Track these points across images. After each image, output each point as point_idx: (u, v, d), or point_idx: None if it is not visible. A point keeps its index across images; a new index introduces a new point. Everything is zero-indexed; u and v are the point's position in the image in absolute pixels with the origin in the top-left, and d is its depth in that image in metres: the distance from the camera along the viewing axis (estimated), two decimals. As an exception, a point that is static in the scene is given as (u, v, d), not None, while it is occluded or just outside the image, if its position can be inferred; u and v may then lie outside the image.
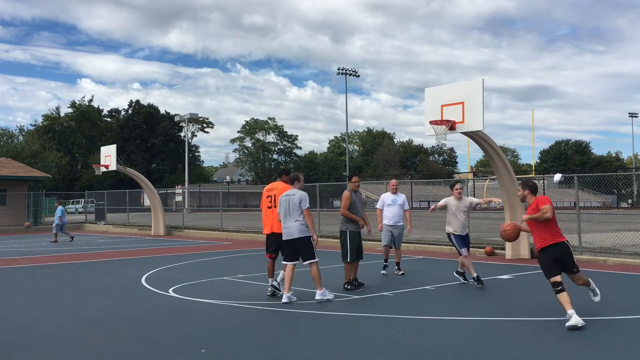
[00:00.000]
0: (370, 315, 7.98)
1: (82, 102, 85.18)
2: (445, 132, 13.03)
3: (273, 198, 9.46)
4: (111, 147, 26.51)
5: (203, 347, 6.37)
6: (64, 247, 20.52)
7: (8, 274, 13.23)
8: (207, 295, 9.67)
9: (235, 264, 14.47)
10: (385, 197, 12.10)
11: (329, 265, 13.80)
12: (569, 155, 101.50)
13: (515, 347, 6.21)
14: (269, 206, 9.51)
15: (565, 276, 7.40)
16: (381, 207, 12.04)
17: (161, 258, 16.18)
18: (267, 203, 9.56)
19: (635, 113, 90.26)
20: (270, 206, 9.48)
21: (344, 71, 72.22)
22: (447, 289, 10.10)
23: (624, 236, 17.05)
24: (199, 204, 58.07)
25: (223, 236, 24.55)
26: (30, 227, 31.87)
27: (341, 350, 6.17)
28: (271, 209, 9.45)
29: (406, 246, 17.71)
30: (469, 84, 13.07)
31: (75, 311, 8.70)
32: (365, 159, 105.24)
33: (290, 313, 8.15)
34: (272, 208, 9.44)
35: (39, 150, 58.94)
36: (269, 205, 9.53)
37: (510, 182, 14.62)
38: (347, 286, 10.04)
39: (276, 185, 9.63)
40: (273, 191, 9.53)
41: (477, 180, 60.76)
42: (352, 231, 10.03)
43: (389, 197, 12.07)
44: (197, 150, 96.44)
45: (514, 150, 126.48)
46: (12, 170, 33.96)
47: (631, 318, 7.60)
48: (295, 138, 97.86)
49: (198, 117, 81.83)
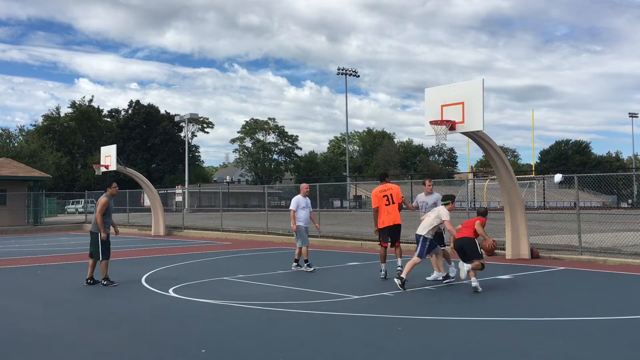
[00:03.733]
0: (370, 315, 7.98)
1: (82, 102, 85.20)
2: (445, 132, 13.02)
3: (390, 197, 11.25)
4: (111, 147, 26.48)
5: (203, 347, 6.37)
6: (64, 247, 20.52)
7: (8, 274, 13.23)
8: (207, 295, 9.67)
9: (235, 264, 14.47)
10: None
11: (332, 265, 13.81)
12: (569, 155, 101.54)
13: (515, 347, 6.21)
14: (387, 203, 11.25)
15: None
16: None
17: (161, 258, 16.18)
18: (385, 201, 11.26)
19: (635, 113, 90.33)
20: (388, 203, 11.23)
21: (344, 71, 72.25)
22: (447, 289, 10.10)
23: (624, 236, 17.04)
24: (199, 204, 58.10)
25: (223, 236, 24.54)
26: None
27: (341, 350, 6.17)
28: (389, 206, 11.22)
29: (406, 246, 17.71)
30: (468, 84, 13.06)
31: (75, 311, 8.70)
32: (365, 159, 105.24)
33: (290, 313, 8.15)
34: (389, 205, 11.22)
35: (38, 150, 58.93)
36: (386, 203, 11.25)
37: (510, 182, 14.61)
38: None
39: (389, 186, 11.43)
40: (388, 191, 11.31)
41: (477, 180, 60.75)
42: None
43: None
44: (197, 150, 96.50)
45: (514, 150, 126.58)
46: (12, 170, 33.95)
47: (631, 318, 7.60)
48: (296, 138, 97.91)
49: (198, 117, 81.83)
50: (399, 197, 11.37)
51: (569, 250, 14.83)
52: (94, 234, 11.07)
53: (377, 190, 11.39)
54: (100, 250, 10.99)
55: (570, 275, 11.71)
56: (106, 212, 11.03)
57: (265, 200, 29.73)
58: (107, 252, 11.09)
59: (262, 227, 24.55)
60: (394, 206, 11.24)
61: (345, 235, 20.95)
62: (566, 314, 7.78)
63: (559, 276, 11.58)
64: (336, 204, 55.83)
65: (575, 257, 14.19)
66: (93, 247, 11.09)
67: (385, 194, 11.29)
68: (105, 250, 11.02)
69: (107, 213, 11.09)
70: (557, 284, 10.64)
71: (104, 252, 11.03)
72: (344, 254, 16.45)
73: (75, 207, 58.63)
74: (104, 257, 11.03)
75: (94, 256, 11.10)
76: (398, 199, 11.37)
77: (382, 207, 11.27)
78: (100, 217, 10.93)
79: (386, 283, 10.79)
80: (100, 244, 10.98)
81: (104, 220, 10.99)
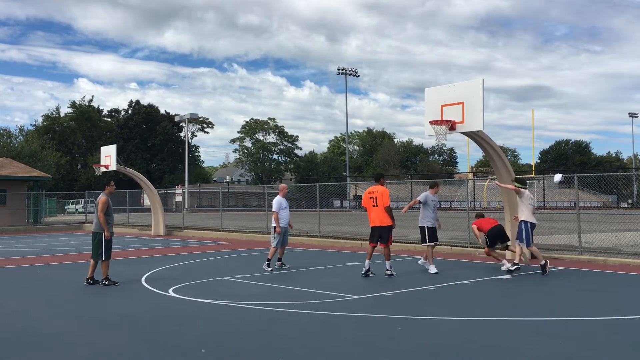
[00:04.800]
0: (370, 315, 7.98)
1: (82, 102, 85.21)
2: (445, 132, 13.02)
3: (375, 199, 11.56)
4: (111, 147, 26.49)
5: (203, 347, 6.37)
6: (64, 247, 20.52)
7: (8, 274, 13.23)
8: (207, 295, 9.66)
9: (235, 264, 14.46)
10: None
11: (332, 265, 13.81)
12: (569, 155, 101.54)
13: (515, 347, 6.21)
14: (373, 205, 11.59)
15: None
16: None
17: (161, 258, 16.18)
18: (372, 202, 11.61)
19: (635, 113, 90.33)
20: (375, 205, 11.55)
21: (344, 71, 72.22)
22: (447, 289, 10.09)
23: (624, 236, 17.04)
24: (199, 204, 58.09)
25: (223, 236, 24.54)
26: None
27: (341, 350, 6.17)
28: (375, 207, 11.55)
29: (406, 246, 17.72)
30: (468, 84, 13.06)
31: (75, 311, 8.70)
32: (365, 159, 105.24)
33: (290, 313, 8.14)
34: (375, 207, 11.55)
35: (38, 150, 58.93)
36: (373, 204, 11.60)
37: (510, 182, 14.59)
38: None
39: (377, 188, 11.63)
40: (374, 193, 11.59)
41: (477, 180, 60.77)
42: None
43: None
44: (197, 150, 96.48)
45: (514, 150, 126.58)
46: (12, 170, 33.95)
47: (631, 318, 7.60)
48: (296, 138, 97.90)
49: (198, 117, 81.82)
50: (384, 201, 11.47)
51: (569, 250, 14.82)
52: (96, 234, 11.06)
53: (366, 192, 11.87)
54: (103, 250, 11.00)
55: (570, 275, 11.71)
56: (107, 211, 11.04)
57: (265, 200, 29.71)
58: (109, 252, 11.09)
59: (262, 227, 24.55)
60: (378, 208, 11.53)
61: (345, 235, 20.95)
62: (566, 314, 7.78)
63: (558, 276, 11.58)
64: (336, 204, 55.89)
65: (575, 257, 14.19)
66: (95, 248, 11.08)
67: (372, 196, 11.65)
68: (106, 250, 11.02)
69: (109, 212, 11.10)
70: (557, 284, 10.64)
71: (106, 253, 11.03)
72: (344, 254, 16.45)
73: (75, 207, 58.65)
74: (105, 258, 11.03)
75: (95, 257, 11.10)
76: (383, 202, 11.47)
77: (370, 208, 11.70)
78: (102, 216, 10.93)
79: (386, 283, 10.79)
80: (103, 244, 10.98)
81: (107, 219, 11.01)
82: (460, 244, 16.92)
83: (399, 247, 17.71)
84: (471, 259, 14.81)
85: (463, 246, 16.60)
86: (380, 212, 11.51)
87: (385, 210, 11.48)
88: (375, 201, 11.57)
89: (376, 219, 11.57)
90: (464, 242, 16.85)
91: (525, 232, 11.83)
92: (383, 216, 11.49)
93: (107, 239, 10.98)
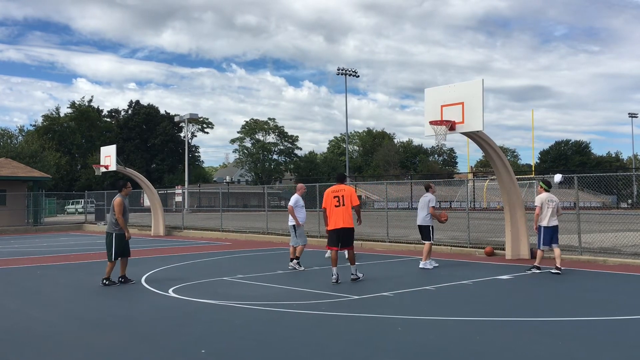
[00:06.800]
0: (370, 316, 7.98)
1: (82, 102, 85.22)
2: (445, 132, 13.02)
3: (341, 198, 10.82)
4: (111, 148, 26.46)
5: (203, 347, 6.37)
6: (64, 248, 20.52)
7: (8, 274, 13.23)
8: (207, 295, 9.66)
9: (235, 264, 14.47)
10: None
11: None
12: (569, 155, 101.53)
13: (515, 347, 6.21)
14: (337, 205, 10.83)
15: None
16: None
17: (161, 258, 16.18)
18: (335, 202, 10.84)
19: (635, 113, 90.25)
20: (338, 205, 10.80)
21: (344, 71, 72.17)
22: (447, 289, 10.09)
23: (624, 236, 17.05)
24: (198, 204, 58.04)
25: (223, 236, 24.54)
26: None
27: (341, 351, 6.17)
28: (339, 207, 10.81)
29: (406, 246, 17.72)
30: (468, 84, 13.07)
31: (75, 311, 8.70)
32: (365, 159, 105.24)
33: (290, 313, 8.14)
34: (339, 207, 10.80)
35: (38, 150, 58.93)
36: (336, 204, 10.83)
37: (510, 182, 14.61)
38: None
39: (342, 187, 10.99)
40: (340, 192, 10.87)
41: (477, 180, 60.77)
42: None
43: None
44: (197, 150, 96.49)
45: (514, 150, 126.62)
46: (11, 170, 33.95)
47: (631, 318, 7.60)
48: (296, 138, 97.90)
49: (198, 118, 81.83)
50: (352, 200, 10.81)
51: (569, 250, 14.81)
52: (111, 235, 11.07)
53: (328, 190, 11.04)
54: (114, 251, 11.02)
55: (570, 276, 11.71)
56: (124, 212, 11.09)
57: (265, 200, 29.71)
58: (118, 254, 11.11)
59: (262, 227, 24.55)
60: (344, 208, 10.76)
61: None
62: (566, 314, 7.78)
63: (558, 276, 11.58)
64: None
65: (575, 257, 14.19)
66: (108, 248, 11.12)
67: (337, 195, 10.85)
68: (117, 251, 11.06)
69: (125, 213, 11.17)
70: (557, 284, 10.64)
71: (117, 253, 11.06)
72: (344, 254, 16.41)
73: (75, 207, 58.65)
74: (116, 258, 11.07)
75: (122, 255, 11.17)
76: (352, 201, 10.82)
77: (332, 209, 10.86)
78: (121, 218, 11.00)
79: (386, 283, 10.79)
80: (115, 245, 11.02)
81: (125, 220, 11.12)
82: (460, 244, 16.93)
83: (399, 247, 17.72)
84: (471, 259, 14.81)
85: (463, 246, 16.61)
86: (345, 213, 10.75)
87: (354, 210, 10.89)
88: (340, 200, 10.76)
89: (340, 221, 10.73)
90: (464, 242, 16.86)
91: (538, 235, 12.06)
92: (349, 217, 10.79)
93: (127, 239, 11.10)
